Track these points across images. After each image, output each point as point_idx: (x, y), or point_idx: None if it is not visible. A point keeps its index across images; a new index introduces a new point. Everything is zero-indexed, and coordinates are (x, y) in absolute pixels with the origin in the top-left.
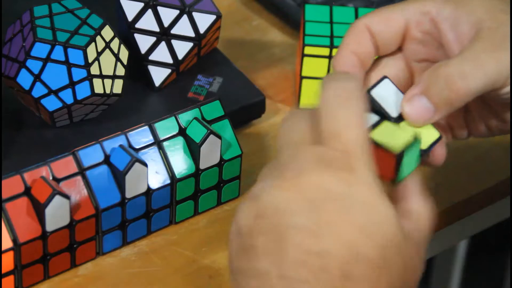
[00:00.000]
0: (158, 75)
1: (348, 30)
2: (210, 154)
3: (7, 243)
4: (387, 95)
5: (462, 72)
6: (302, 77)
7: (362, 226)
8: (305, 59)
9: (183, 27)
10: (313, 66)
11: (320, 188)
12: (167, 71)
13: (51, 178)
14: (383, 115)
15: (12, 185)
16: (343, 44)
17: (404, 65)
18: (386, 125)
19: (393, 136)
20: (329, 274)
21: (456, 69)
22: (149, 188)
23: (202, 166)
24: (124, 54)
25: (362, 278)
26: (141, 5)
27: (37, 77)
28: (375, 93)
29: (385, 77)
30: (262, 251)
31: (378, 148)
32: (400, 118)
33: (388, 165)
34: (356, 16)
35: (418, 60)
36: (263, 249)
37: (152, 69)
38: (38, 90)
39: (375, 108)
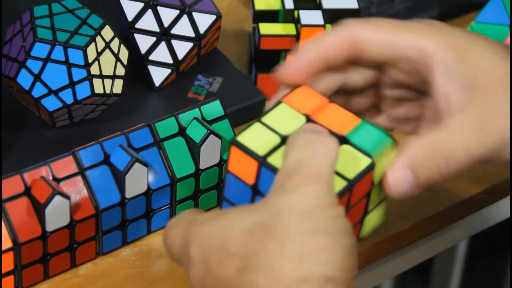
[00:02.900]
0: (158, 75)
1: (334, 31)
2: (210, 154)
3: (7, 243)
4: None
5: (453, 152)
6: None
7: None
8: None
9: (183, 27)
10: None
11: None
12: (167, 71)
13: (51, 178)
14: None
15: (12, 185)
16: (316, 40)
17: (371, 82)
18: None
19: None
20: None
21: (447, 147)
22: (149, 188)
23: (202, 166)
24: (124, 54)
25: None
26: (141, 5)
27: (37, 77)
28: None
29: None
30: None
31: (241, 152)
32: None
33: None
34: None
35: (392, 87)
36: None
37: (152, 69)
38: (38, 90)
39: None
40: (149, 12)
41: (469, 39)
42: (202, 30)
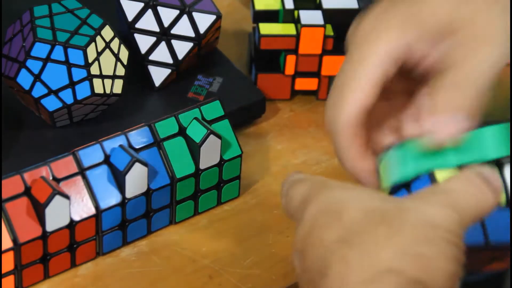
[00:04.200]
0: (158, 75)
1: (360, 66)
2: (210, 154)
3: (7, 243)
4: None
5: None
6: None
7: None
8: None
9: (183, 27)
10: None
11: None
12: (167, 71)
13: (51, 178)
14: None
15: (12, 185)
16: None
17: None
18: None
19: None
20: None
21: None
22: (149, 188)
23: (202, 166)
24: (124, 54)
25: None
26: (141, 5)
27: (37, 77)
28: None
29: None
30: None
31: None
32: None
33: None
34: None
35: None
36: None
37: (152, 69)
38: (38, 90)
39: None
40: (149, 12)
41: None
42: (202, 30)
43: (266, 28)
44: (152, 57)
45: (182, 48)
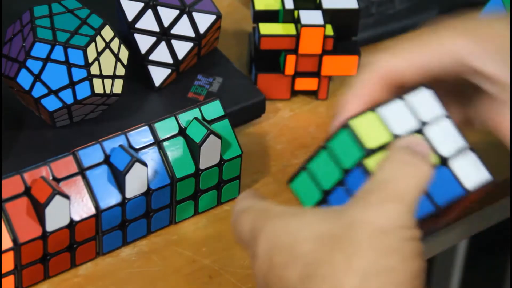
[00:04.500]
0: (158, 75)
1: (364, 73)
2: (210, 154)
3: (7, 243)
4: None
5: None
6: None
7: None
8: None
9: (183, 27)
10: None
11: None
12: (167, 71)
13: (51, 178)
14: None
15: (12, 185)
16: (354, 90)
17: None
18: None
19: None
20: None
21: None
22: (149, 188)
23: (202, 166)
24: (124, 54)
25: None
26: (141, 5)
27: (37, 77)
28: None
29: (423, 85)
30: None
31: None
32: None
33: None
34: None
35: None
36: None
37: (152, 69)
38: (38, 90)
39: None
40: (149, 12)
41: (485, 23)
42: (202, 30)
43: (266, 28)
44: (152, 57)
45: (182, 48)
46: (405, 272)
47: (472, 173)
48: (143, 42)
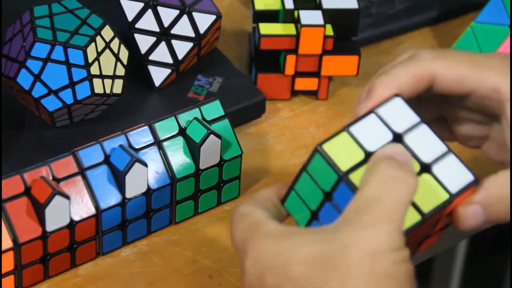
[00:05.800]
0: (158, 75)
1: (403, 65)
2: (210, 154)
3: (7, 243)
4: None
5: None
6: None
7: None
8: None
9: (183, 27)
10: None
11: None
12: (167, 71)
13: (51, 178)
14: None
15: (12, 185)
16: (387, 78)
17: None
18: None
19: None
20: None
21: None
22: (149, 188)
23: (202, 166)
24: (124, 54)
25: None
26: (141, 5)
27: (37, 77)
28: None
29: (396, 95)
30: None
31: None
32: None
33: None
34: None
35: (459, 109)
36: None
37: (152, 69)
38: (38, 90)
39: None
40: (149, 12)
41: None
42: (202, 30)
43: (266, 28)
44: (152, 57)
45: (182, 48)
46: None
47: (454, 176)
48: (143, 42)
